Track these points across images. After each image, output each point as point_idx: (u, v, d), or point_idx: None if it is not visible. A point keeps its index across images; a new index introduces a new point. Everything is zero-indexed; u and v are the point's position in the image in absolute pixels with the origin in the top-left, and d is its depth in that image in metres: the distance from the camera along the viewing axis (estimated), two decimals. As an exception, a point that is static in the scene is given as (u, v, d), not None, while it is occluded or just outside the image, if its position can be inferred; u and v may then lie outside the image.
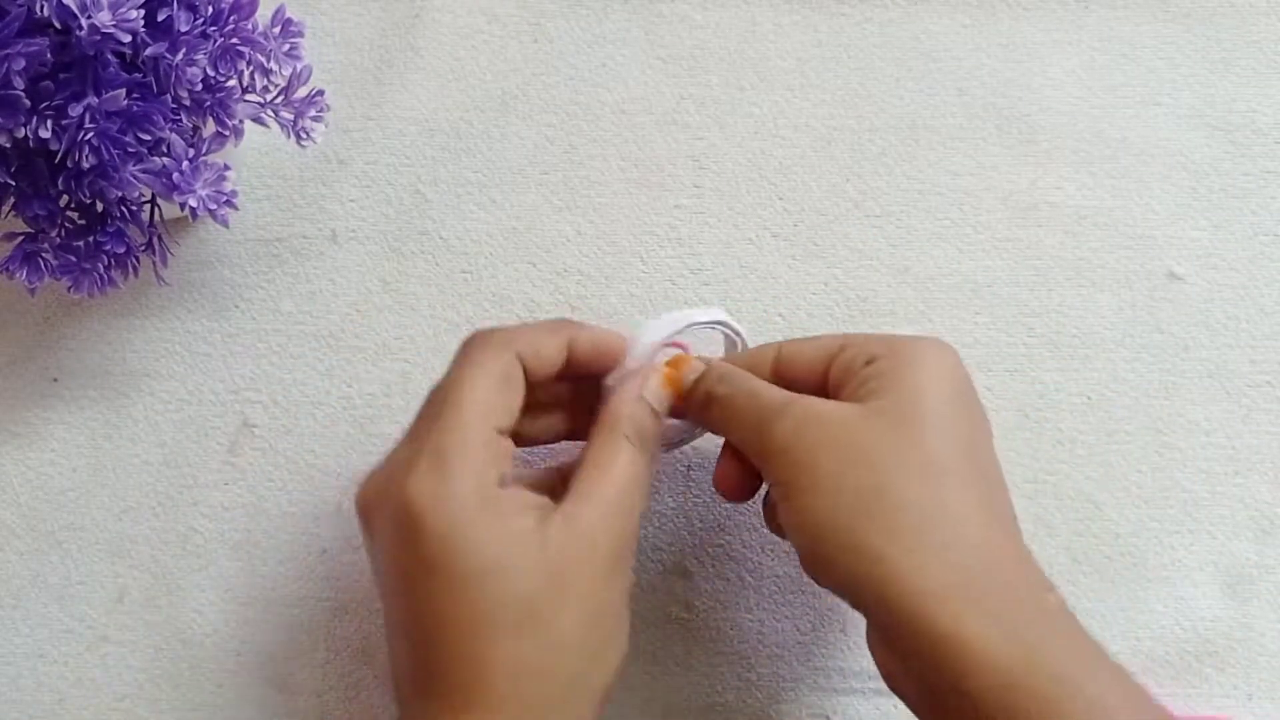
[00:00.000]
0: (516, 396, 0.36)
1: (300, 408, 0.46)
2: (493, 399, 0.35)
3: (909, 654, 0.32)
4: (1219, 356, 0.46)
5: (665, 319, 0.39)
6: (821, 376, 0.38)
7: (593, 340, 0.38)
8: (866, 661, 0.43)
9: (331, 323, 0.47)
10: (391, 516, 0.33)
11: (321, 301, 0.47)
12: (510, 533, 0.33)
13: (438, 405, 0.35)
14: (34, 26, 0.34)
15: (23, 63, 0.33)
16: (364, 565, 0.45)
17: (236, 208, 0.40)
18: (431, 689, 0.33)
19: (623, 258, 0.47)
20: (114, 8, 0.34)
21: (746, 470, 0.38)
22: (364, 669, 0.44)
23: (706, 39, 0.49)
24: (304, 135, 0.41)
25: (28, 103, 0.35)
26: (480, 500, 0.33)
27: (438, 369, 0.46)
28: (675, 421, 0.40)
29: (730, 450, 0.39)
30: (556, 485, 0.37)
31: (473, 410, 0.34)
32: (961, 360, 0.36)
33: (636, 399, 0.37)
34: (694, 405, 0.38)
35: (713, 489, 0.39)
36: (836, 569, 0.33)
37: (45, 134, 0.35)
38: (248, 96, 0.40)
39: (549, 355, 0.37)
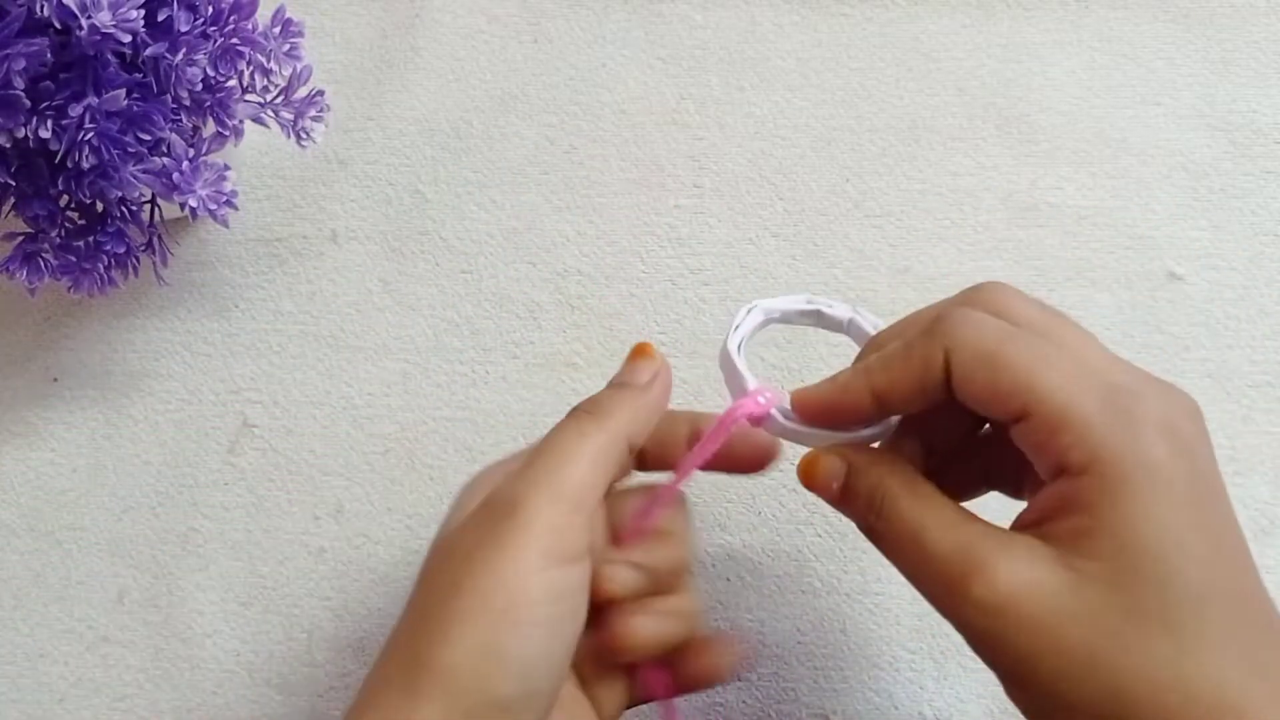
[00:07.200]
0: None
1: (300, 408, 0.46)
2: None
3: None
4: (1219, 356, 0.46)
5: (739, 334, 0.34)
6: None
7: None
8: (866, 661, 0.43)
9: (332, 323, 0.47)
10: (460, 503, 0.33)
11: (322, 301, 0.47)
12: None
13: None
14: (34, 26, 0.34)
15: (23, 63, 0.33)
16: (363, 565, 0.45)
17: (236, 208, 0.40)
18: None
19: (623, 258, 0.47)
20: (114, 8, 0.34)
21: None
22: (363, 669, 0.44)
23: (707, 39, 0.49)
24: (304, 135, 0.41)
25: (28, 103, 0.35)
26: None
27: (438, 369, 0.46)
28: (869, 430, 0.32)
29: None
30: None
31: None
32: (1190, 415, 0.27)
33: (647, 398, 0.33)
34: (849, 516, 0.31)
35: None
36: None
37: (45, 134, 0.35)
38: (248, 96, 0.40)
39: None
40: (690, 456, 0.33)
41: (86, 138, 0.36)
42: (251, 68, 0.39)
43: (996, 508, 0.31)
